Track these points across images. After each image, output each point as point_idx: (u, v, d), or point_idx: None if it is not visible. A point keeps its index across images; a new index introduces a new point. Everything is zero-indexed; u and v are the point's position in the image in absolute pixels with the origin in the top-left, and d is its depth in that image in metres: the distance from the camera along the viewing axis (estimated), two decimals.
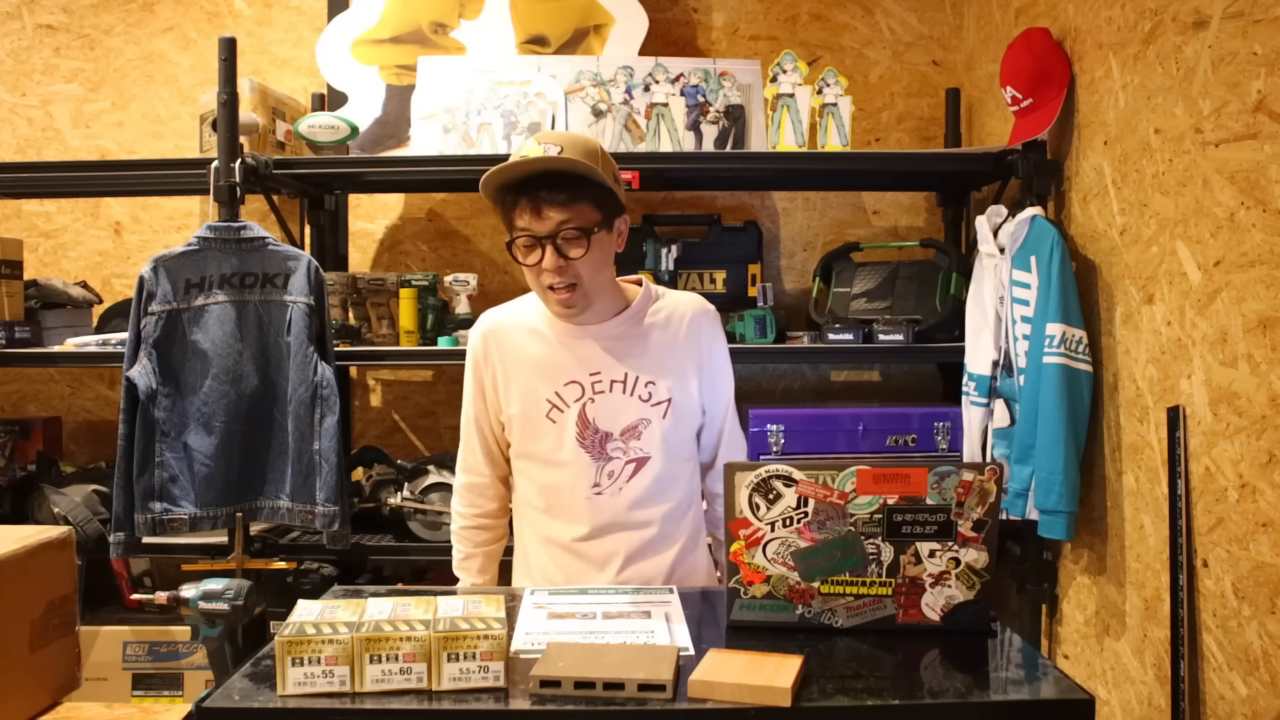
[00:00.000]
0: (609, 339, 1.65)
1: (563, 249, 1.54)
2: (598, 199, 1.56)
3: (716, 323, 1.73)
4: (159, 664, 2.59)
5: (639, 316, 1.67)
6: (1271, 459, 1.57)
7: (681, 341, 1.67)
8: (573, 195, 1.53)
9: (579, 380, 1.64)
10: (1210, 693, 1.75)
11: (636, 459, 1.64)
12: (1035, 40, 2.28)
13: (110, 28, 3.09)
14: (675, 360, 1.66)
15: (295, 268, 2.40)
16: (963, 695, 1.18)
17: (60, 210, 3.14)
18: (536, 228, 1.53)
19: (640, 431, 1.64)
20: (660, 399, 1.65)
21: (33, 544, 1.53)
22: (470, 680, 1.15)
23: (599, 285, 1.61)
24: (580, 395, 1.64)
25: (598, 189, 1.56)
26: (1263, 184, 1.59)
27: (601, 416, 1.64)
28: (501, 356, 1.68)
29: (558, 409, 1.65)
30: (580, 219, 1.54)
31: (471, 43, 2.93)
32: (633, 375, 1.64)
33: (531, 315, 1.69)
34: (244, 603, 1.75)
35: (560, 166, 1.51)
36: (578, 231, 1.54)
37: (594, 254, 1.57)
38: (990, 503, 1.31)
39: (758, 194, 3.10)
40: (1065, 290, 2.12)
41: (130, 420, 2.34)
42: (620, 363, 1.64)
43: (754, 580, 1.34)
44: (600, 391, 1.64)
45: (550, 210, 1.52)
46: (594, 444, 1.64)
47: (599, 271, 1.60)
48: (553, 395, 1.65)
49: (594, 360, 1.64)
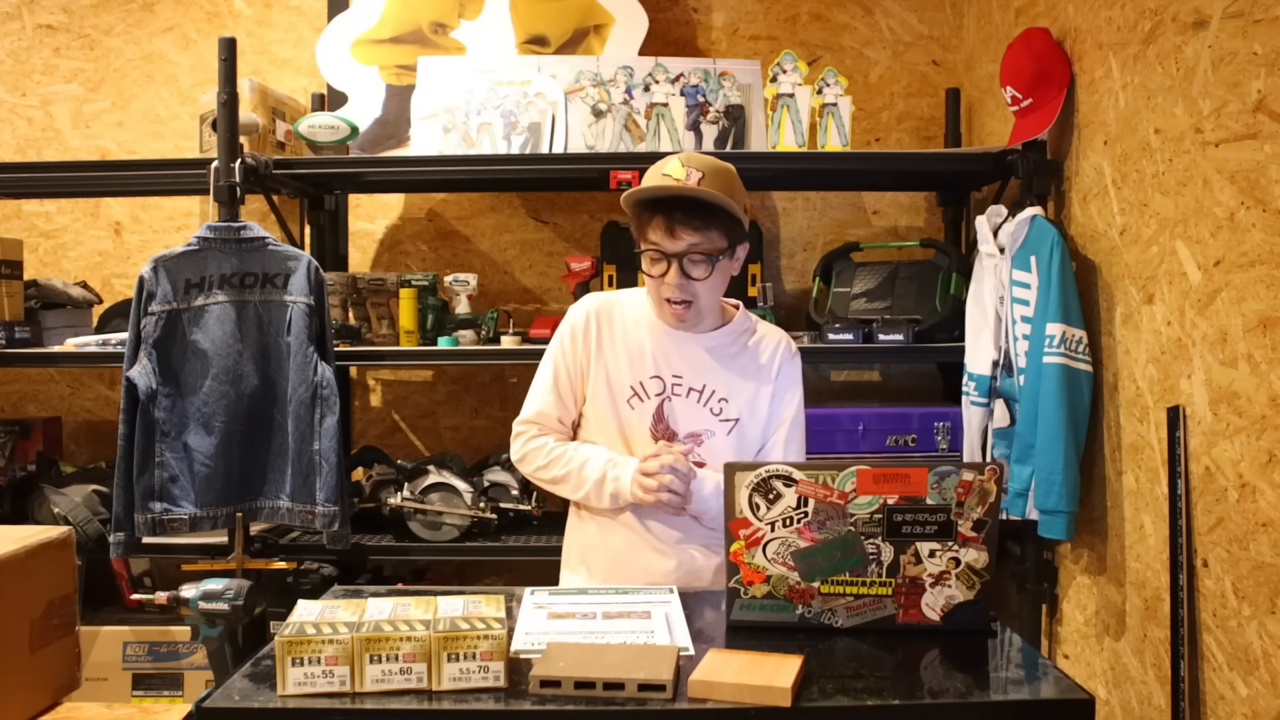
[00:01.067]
0: (701, 348, 1.75)
1: (688, 269, 1.65)
2: (727, 227, 1.66)
3: (797, 367, 1.81)
4: (159, 664, 2.59)
5: (732, 337, 1.77)
6: (1271, 459, 1.58)
7: (763, 372, 1.76)
8: (706, 222, 1.63)
9: (662, 377, 1.74)
10: (1210, 693, 1.75)
11: (695, 463, 1.71)
12: (1035, 40, 2.28)
13: (110, 28, 3.09)
14: (753, 387, 1.75)
15: (295, 268, 2.40)
16: (963, 695, 1.18)
17: (60, 210, 3.14)
18: (668, 245, 1.64)
19: (703, 439, 1.74)
20: (729, 416, 1.73)
21: (33, 544, 1.53)
22: (470, 680, 1.15)
23: (711, 305, 1.74)
24: (661, 390, 1.74)
25: (729, 218, 1.65)
26: (1263, 184, 1.59)
27: (674, 415, 1.74)
28: (600, 335, 1.77)
29: (638, 397, 1.74)
30: (708, 244, 1.64)
31: (471, 43, 2.93)
32: (710, 388, 1.73)
33: (635, 307, 1.79)
34: (244, 603, 1.75)
35: (701, 194, 1.61)
36: (704, 256, 1.65)
37: (715, 278, 1.68)
38: (990, 503, 1.31)
39: (758, 194, 3.10)
40: (1065, 290, 2.12)
41: (130, 420, 2.34)
42: (702, 374, 1.73)
43: (754, 580, 1.34)
44: (678, 394, 1.74)
45: (683, 232, 1.63)
46: (662, 437, 1.74)
47: (715, 293, 1.72)
48: (637, 384, 1.74)
49: (680, 364, 1.74)
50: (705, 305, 1.71)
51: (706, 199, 1.61)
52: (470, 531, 2.60)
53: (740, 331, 1.78)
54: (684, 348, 1.74)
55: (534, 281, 3.10)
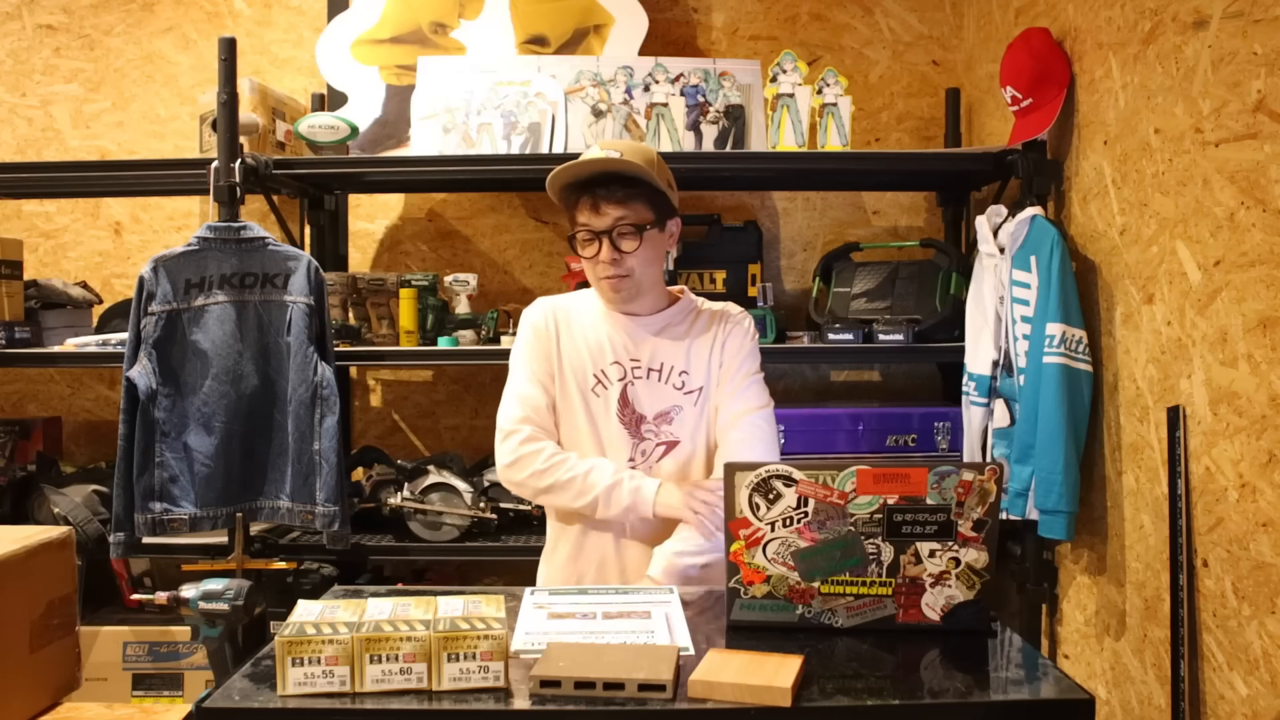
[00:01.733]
0: (652, 330, 1.80)
1: (617, 243, 1.70)
2: (652, 200, 1.72)
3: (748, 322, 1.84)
4: (159, 664, 2.59)
5: (680, 315, 1.82)
6: (1271, 459, 1.57)
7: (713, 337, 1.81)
8: (628, 195, 1.70)
9: (621, 362, 1.78)
10: (1210, 693, 1.75)
11: (667, 442, 1.77)
12: (1035, 40, 2.28)
13: (110, 28, 3.09)
14: (707, 354, 1.79)
15: (295, 268, 2.40)
16: (963, 695, 1.18)
17: (60, 210, 3.14)
18: (595, 223, 1.70)
19: (672, 417, 1.77)
20: (693, 387, 1.78)
21: (33, 544, 1.53)
22: (470, 680, 1.15)
23: (649, 279, 1.76)
24: (622, 376, 1.78)
25: (652, 191, 1.72)
26: (1263, 184, 1.59)
27: (639, 399, 1.78)
28: (558, 331, 1.82)
29: (602, 385, 1.79)
30: (634, 216, 1.70)
31: (471, 43, 2.93)
32: (669, 365, 1.78)
33: (584, 301, 1.86)
34: (244, 603, 1.75)
35: (618, 168, 1.68)
36: (631, 228, 1.70)
37: (645, 249, 1.72)
38: (990, 503, 1.31)
39: (758, 194, 3.10)
40: (1065, 290, 2.12)
41: (130, 420, 2.34)
42: (658, 354, 1.78)
43: (754, 580, 1.34)
44: (639, 376, 1.78)
45: (607, 207, 1.69)
46: (631, 423, 1.77)
47: (649, 266, 1.75)
48: (599, 372, 1.79)
49: (635, 347, 1.79)
50: (642, 278, 1.74)
51: (625, 171, 1.68)
52: (470, 531, 2.60)
53: (688, 310, 1.83)
54: (636, 333, 1.79)
55: (534, 281, 3.10)
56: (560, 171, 1.70)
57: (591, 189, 1.69)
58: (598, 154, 1.69)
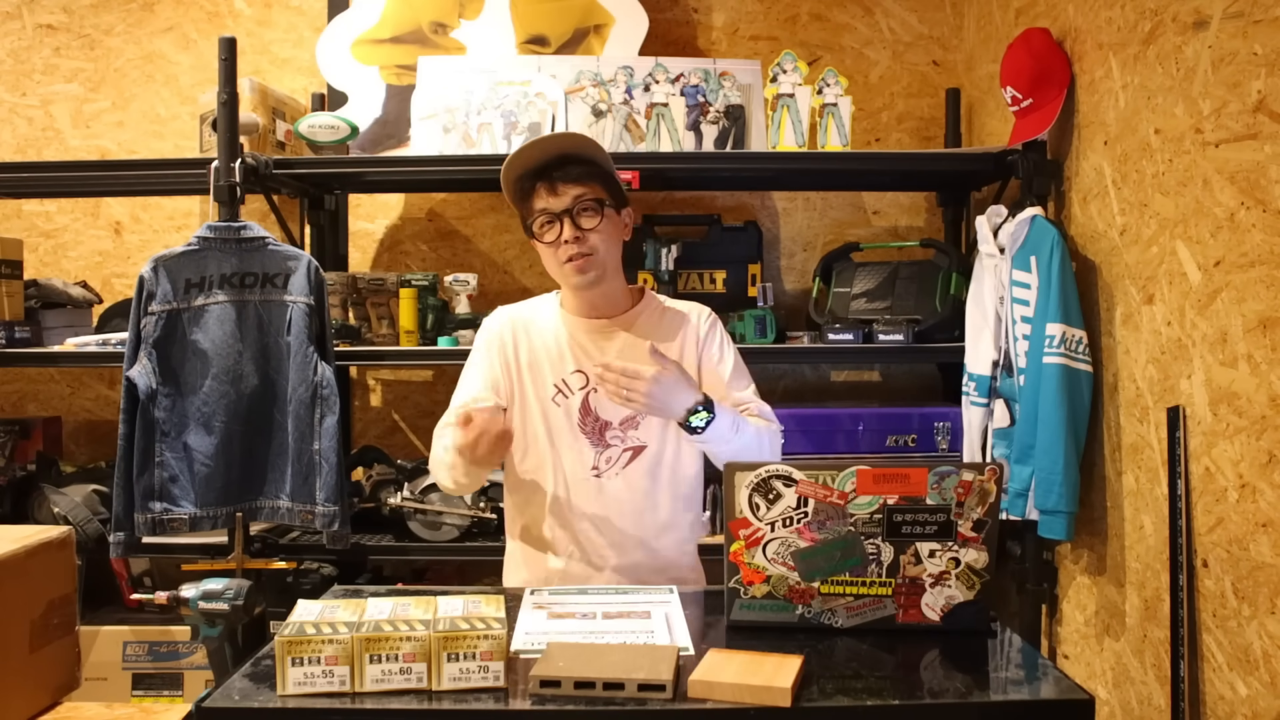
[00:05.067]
0: (614, 334, 1.77)
1: (578, 220, 1.69)
2: (606, 183, 1.73)
3: (715, 321, 1.84)
4: (159, 664, 2.59)
5: (641, 318, 1.80)
6: (1271, 459, 1.57)
7: (680, 340, 1.79)
8: (585, 173, 1.70)
9: (583, 370, 1.75)
10: (1210, 693, 1.75)
11: (633, 447, 1.75)
12: (1035, 40, 2.28)
13: (110, 28, 3.09)
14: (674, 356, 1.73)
15: (295, 267, 2.40)
16: (963, 695, 1.18)
17: (60, 210, 3.14)
18: (554, 205, 1.69)
19: (638, 421, 1.75)
20: None
21: (33, 544, 1.53)
22: (470, 680, 1.15)
23: (612, 261, 1.75)
24: (584, 384, 1.75)
25: (605, 175, 1.73)
26: (1263, 184, 1.59)
27: (602, 406, 1.74)
28: (517, 342, 1.80)
29: (563, 394, 1.76)
30: (593, 193, 1.70)
31: (471, 43, 2.93)
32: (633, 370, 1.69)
33: (543, 310, 1.83)
34: (244, 603, 1.75)
35: (572, 145, 1.71)
36: (592, 203, 1.69)
37: (606, 227, 1.71)
38: (990, 503, 1.31)
39: (758, 194, 3.10)
40: (1065, 290, 2.12)
41: (130, 420, 2.34)
42: (622, 357, 1.73)
43: (754, 580, 1.34)
44: None
45: (566, 187, 1.69)
46: (594, 431, 1.75)
47: (612, 245, 1.74)
48: (559, 381, 1.76)
49: (599, 353, 1.76)
50: (606, 258, 1.72)
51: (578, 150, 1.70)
52: (470, 531, 2.60)
53: (650, 310, 1.81)
54: (598, 338, 1.77)
55: (534, 281, 3.10)
56: (515, 158, 1.69)
57: (547, 173, 1.69)
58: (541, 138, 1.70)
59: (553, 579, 1.73)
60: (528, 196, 1.72)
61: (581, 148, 1.71)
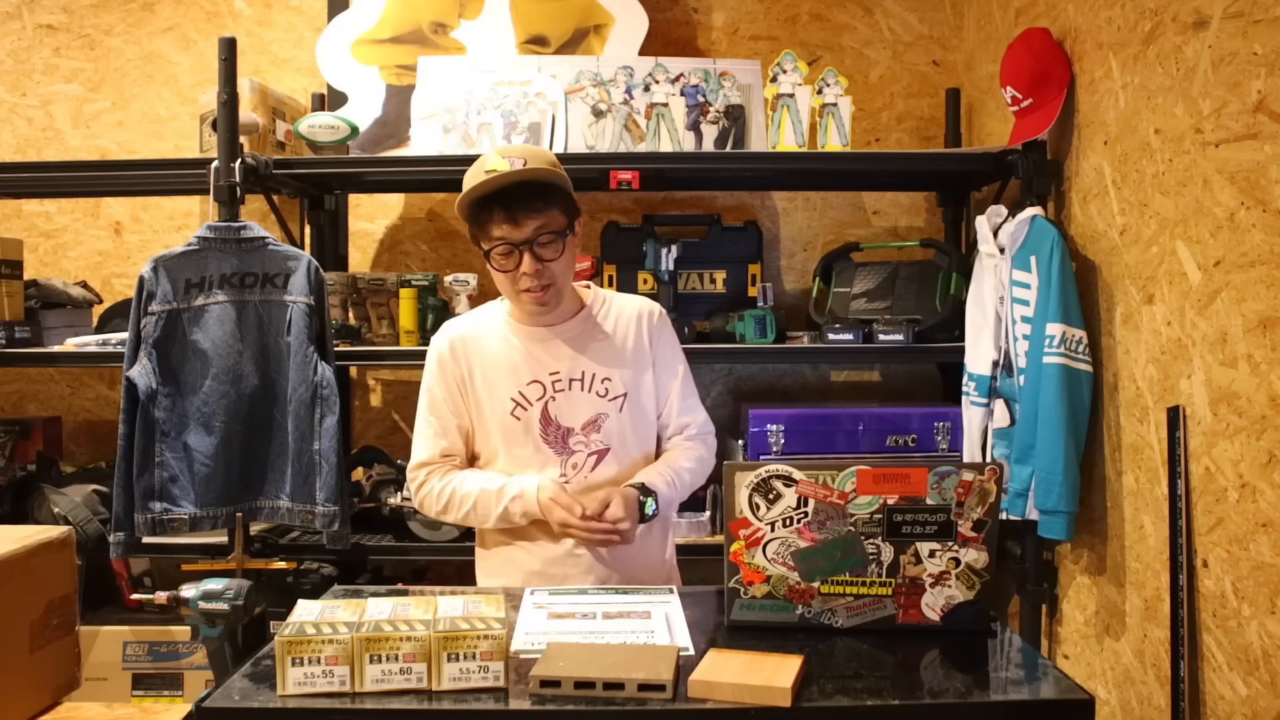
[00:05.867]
0: (566, 340, 1.76)
1: (539, 253, 1.66)
2: (564, 204, 1.70)
3: (665, 320, 1.85)
4: (159, 664, 2.59)
5: (592, 318, 1.80)
6: (1271, 459, 1.57)
7: (632, 339, 1.79)
8: (546, 203, 1.66)
9: (540, 380, 1.74)
10: (1210, 693, 1.75)
11: (598, 451, 1.75)
12: (1035, 40, 2.28)
13: (110, 28, 3.09)
14: (628, 356, 1.78)
15: (295, 268, 2.40)
16: (963, 695, 1.18)
17: (60, 210, 3.14)
18: (514, 235, 1.65)
19: (600, 425, 1.75)
20: (617, 393, 1.76)
21: (33, 544, 1.53)
22: (470, 680, 1.15)
23: (568, 285, 1.75)
24: (542, 394, 1.74)
25: (563, 195, 1.70)
26: (1263, 184, 1.59)
27: (563, 413, 1.74)
28: (469, 361, 1.77)
29: (521, 407, 1.74)
30: (553, 224, 1.67)
31: (471, 43, 2.93)
32: (589, 372, 1.75)
33: (490, 323, 1.81)
34: (244, 603, 1.75)
35: (531, 177, 1.65)
36: (553, 235, 1.66)
37: (566, 255, 1.70)
38: (990, 503, 1.31)
39: (758, 194, 3.10)
40: (1065, 290, 2.12)
41: (130, 420, 2.34)
42: (577, 361, 1.75)
43: (754, 580, 1.34)
44: (560, 390, 1.74)
45: (526, 218, 1.64)
46: (556, 439, 1.74)
47: (569, 271, 1.73)
48: (516, 394, 1.74)
49: (553, 360, 1.75)
50: (563, 285, 1.72)
51: (541, 179, 1.65)
52: (470, 531, 2.60)
53: (598, 310, 1.80)
54: (551, 345, 1.75)
55: None
56: (471, 191, 1.66)
57: (507, 201, 1.64)
58: (502, 164, 1.64)
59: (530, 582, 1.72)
60: (484, 222, 1.67)
61: (540, 177, 1.66)
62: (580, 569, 1.72)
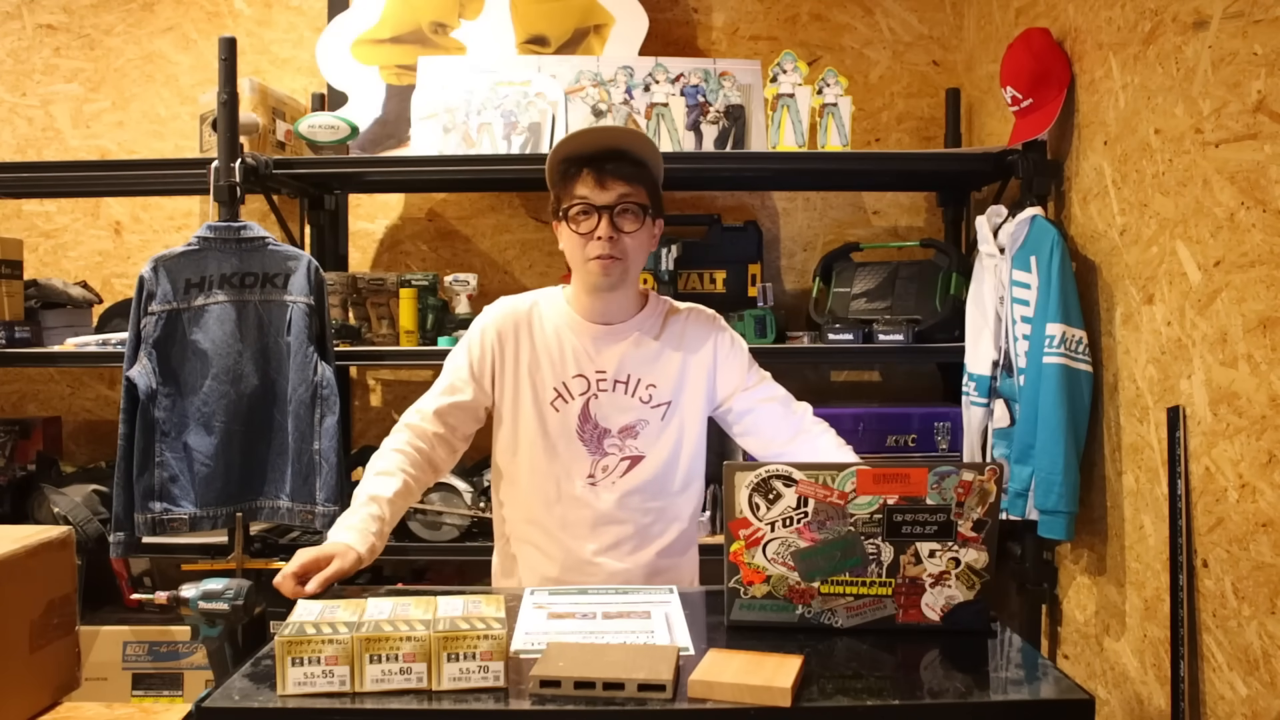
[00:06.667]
0: (619, 340, 1.72)
1: (619, 222, 1.62)
2: (651, 189, 1.67)
3: (722, 324, 1.81)
4: (159, 664, 2.59)
5: (651, 322, 1.75)
6: (1271, 459, 1.57)
7: (686, 348, 1.74)
8: (636, 173, 1.64)
9: (585, 375, 1.70)
10: (1210, 693, 1.75)
11: (631, 456, 1.71)
12: (1035, 40, 2.28)
13: (110, 28, 3.09)
14: (678, 365, 1.73)
15: (295, 268, 2.40)
16: (963, 695, 1.18)
17: (60, 210, 3.14)
18: (597, 198, 1.62)
19: (638, 431, 1.71)
20: (660, 401, 1.72)
21: (33, 544, 1.53)
22: (470, 680, 1.15)
23: (635, 271, 1.70)
24: (586, 390, 1.70)
25: (653, 182, 1.67)
26: (1263, 184, 1.59)
27: (603, 413, 1.70)
28: (519, 338, 1.72)
29: (562, 399, 1.70)
30: (637, 196, 1.64)
31: (471, 43, 2.93)
32: (635, 377, 1.71)
33: (549, 308, 1.75)
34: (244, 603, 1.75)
35: (629, 142, 1.64)
36: (636, 206, 1.63)
37: (642, 236, 1.66)
38: (990, 503, 1.31)
39: (758, 194, 3.10)
40: (1065, 290, 2.12)
41: (130, 420, 2.34)
42: (625, 365, 1.71)
43: (754, 580, 1.34)
44: (604, 390, 1.70)
45: (613, 182, 1.61)
46: (592, 438, 1.70)
47: (640, 254, 1.68)
48: (560, 385, 1.70)
49: (602, 359, 1.71)
50: (632, 266, 1.67)
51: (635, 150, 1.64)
52: (470, 531, 2.60)
53: (656, 314, 1.76)
54: (603, 342, 1.71)
55: (534, 281, 3.10)
56: (569, 140, 1.62)
57: (598, 162, 1.61)
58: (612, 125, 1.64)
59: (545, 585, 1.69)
60: (569, 180, 1.63)
61: (638, 146, 1.64)
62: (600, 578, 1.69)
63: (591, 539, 1.70)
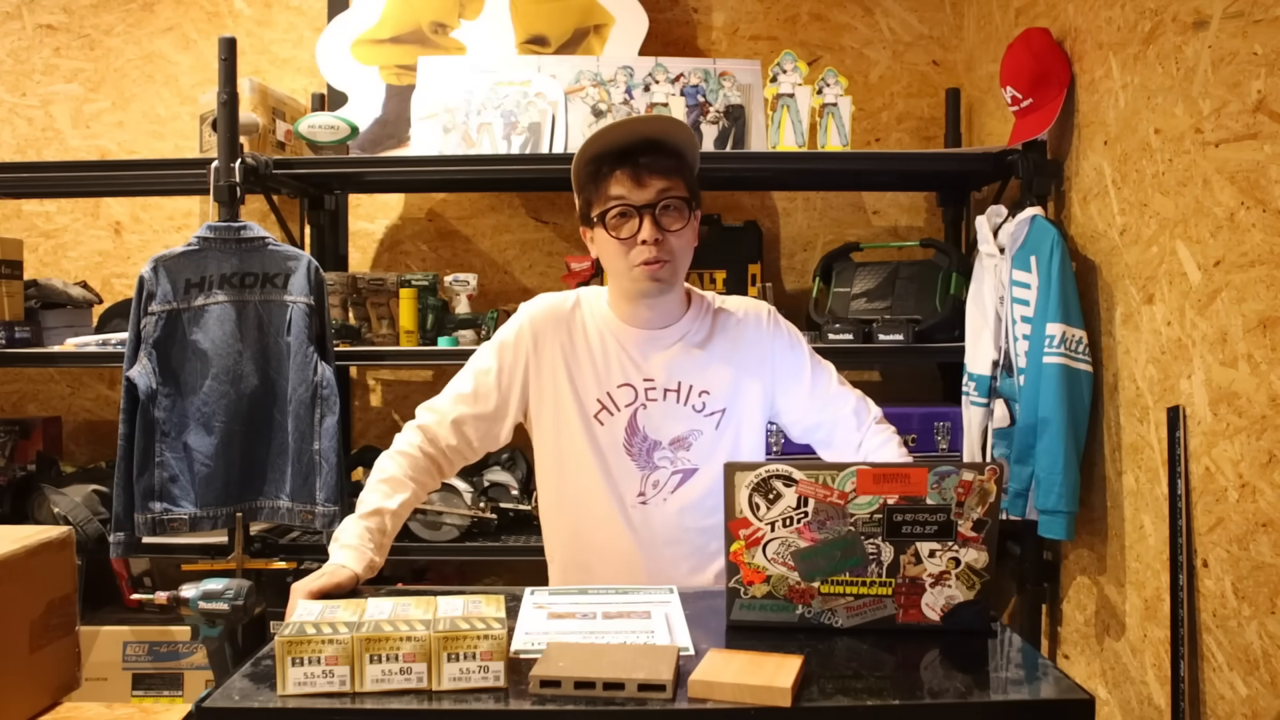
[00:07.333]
0: (667, 345, 1.60)
1: (662, 221, 1.50)
2: (690, 180, 1.54)
3: (783, 327, 1.67)
4: (159, 664, 2.59)
5: (698, 324, 1.63)
6: (1271, 459, 1.57)
7: (741, 350, 1.63)
8: (675, 166, 1.50)
9: (632, 384, 1.59)
10: (1210, 693, 1.75)
11: (683, 470, 1.60)
12: (1035, 40, 2.28)
13: (110, 28, 3.09)
14: (733, 369, 1.61)
15: (295, 268, 2.40)
16: (963, 695, 1.18)
17: (60, 210, 3.14)
18: (636, 196, 1.48)
19: (690, 443, 1.60)
20: (715, 409, 1.60)
21: (33, 544, 1.53)
22: (470, 680, 1.15)
23: (684, 270, 1.57)
24: (633, 400, 1.58)
25: (691, 171, 1.54)
26: (1263, 184, 1.59)
27: (652, 424, 1.59)
28: (561, 344, 1.60)
29: (608, 411, 1.59)
30: (679, 190, 1.51)
31: (471, 43, 2.93)
32: (687, 384, 1.59)
33: (590, 311, 1.63)
34: (244, 603, 1.74)
35: (664, 131, 1.49)
36: (679, 201, 1.50)
37: (687, 234, 1.54)
38: (990, 503, 1.31)
39: (758, 194, 3.10)
40: (1065, 290, 2.12)
41: (130, 420, 2.34)
42: (675, 373, 1.59)
43: (754, 580, 1.34)
44: (654, 399, 1.59)
45: (651, 178, 1.48)
46: (641, 452, 1.59)
47: (687, 252, 1.56)
48: (604, 396, 1.59)
49: (650, 366, 1.59)
50: (680, 266, 1.54)
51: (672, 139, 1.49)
52: (470, 531, 2.61)
53: (703, 315, 1.63)
54: (649, 348, 1.58)
55: (534, 281, 3.10)
56: (598, 136, 1.48)
57: (632, 158, 1.47)
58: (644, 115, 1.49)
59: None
60: (601, 181, 1.49)
61: (674, 135, 1.50)
62: None
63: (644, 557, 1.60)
